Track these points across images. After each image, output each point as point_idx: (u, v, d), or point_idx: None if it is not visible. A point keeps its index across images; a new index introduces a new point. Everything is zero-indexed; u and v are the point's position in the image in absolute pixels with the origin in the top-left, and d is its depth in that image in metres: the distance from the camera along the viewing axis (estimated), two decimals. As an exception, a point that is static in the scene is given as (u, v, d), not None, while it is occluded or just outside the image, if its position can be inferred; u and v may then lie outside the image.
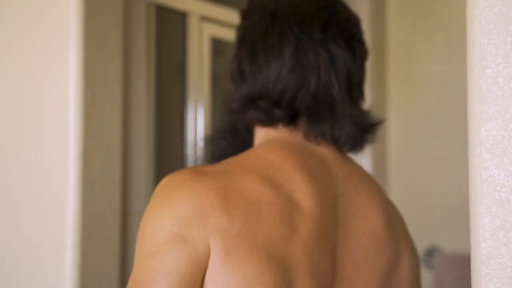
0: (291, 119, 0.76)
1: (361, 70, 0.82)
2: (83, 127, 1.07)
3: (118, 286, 1.12)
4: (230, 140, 0.84)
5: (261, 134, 0.80)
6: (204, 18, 1.48)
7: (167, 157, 1.47)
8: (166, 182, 0.68)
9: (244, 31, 0.81)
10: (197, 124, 1.45)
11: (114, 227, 1.11)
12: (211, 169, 0.68)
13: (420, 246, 1.89)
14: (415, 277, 0.78)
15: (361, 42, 0.82)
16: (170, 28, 1.45)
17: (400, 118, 2.02)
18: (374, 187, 0.79)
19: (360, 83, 0.82)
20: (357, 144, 0.79)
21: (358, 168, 0.79)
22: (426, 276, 1.86)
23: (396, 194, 2.01)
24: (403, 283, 0.75)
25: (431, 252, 1.86)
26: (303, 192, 0.69)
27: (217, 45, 2.17)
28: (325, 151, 0.77)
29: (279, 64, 0.75)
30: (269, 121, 0.77)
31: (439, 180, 1.89)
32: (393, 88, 2.05)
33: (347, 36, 0.79)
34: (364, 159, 1.98)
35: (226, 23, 1.55)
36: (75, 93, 1.07)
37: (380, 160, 2.02)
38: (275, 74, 0.75)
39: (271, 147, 0.74)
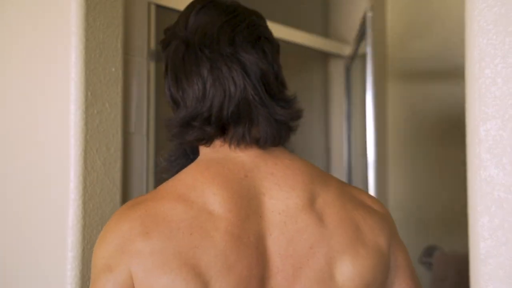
0: (223, 132, 0.88)
1: (274, 63, 0.91)
2: (83, 127, 1.07)
3: (118, 285, 1.12)
4: (183, 160, 0.96)
5: (200, 152, 0.92)
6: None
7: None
8: (110, 218, 0.85)
9: (166, 60, 0.92)
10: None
11: (114, 227, 1.12)
12: (140, 199, 0.85)
13: (420, 245, 1.89)
14: (331, 264, 0.84)
15: (268, 39, 0.92)
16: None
17: (399, 118, 2.02)
18: (299, 179, 0.87)
19: (277, 76, 0.91)
20: (277, 140, 0.88)
21: (284, 164, 0.88)
22: (426, 275, 1.86)
23: (395, 194, 2.02)
24: (323, 271, 0.83)
25: (430, 251, 1.86)
26: (213, 204, 0.82)
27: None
28: (244, 157, 0.88)
29: (201, 84, 0.86)
30: (206, 139, 0.89)
31: (438, 179, 1.89)
32: (392, 87, 2.05)
33: (253, 39, 0.89)
34: (363, 159, 1.99)
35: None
36: (75, 93, 1.07)
37: (380, 160, 2.02)
38: (200, 94, 0.86)
39: (190, 168, 0.88)
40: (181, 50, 0.89)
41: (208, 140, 0.89)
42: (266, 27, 0.94)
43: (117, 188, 1.13)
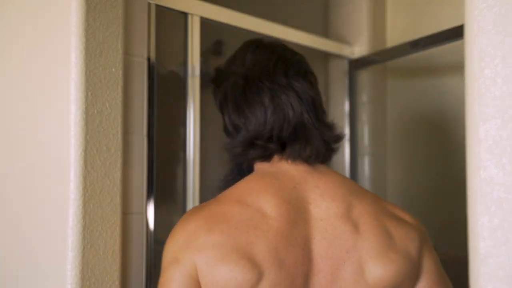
0: (282, 149, 1.03)
1: (319, 93, 1.08)
2: (83, 127, 1.07)
3: (118, 286, 1.12)
4: (238, 178, 1.09)
5: (256, 168, 1.07)
6: (206, 19, 1.48)
7: (168, 157, 1.47)
8: (177, 221, 1.01)
9: (224, 94, 1.07)
10: (197, 124, 1.45)
11: (114, 227, 1.12)
12: (204, 204, 1.00)
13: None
14: (364, 267, 0.96)
15: (312, 73, 1.09)
16: (171, 29, 1.45)
17: (399, 118, 2.02)
18: (339, 192, 1.01)
19: (321, 104, 1.08)
20: (324, 158, 1.05)
21: (327, 179, 1.03)
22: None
23: (395, 194, 2.02)
24: (356, 272, 0.96)
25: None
26: (267, 208, 0.95)
27: (218, 46, 2.16)
28: (295, 171, 1.02)
29: (263, 111, 1.02)
30: (267, 155, 1.04)
31: (437, 180, 1.89)
32: (392, 86, 2.05)
33: (303, 72, 1.06)
34: (364, 159, 1.99)
35: (227, 25, 1.55)
36: (75, 93, 1.07)
37: (380, 159, 2.02)
38: (262, 119, 1.01)
39: (248, 178, 1.03)
40: (241, 84, 1.04)
41: (269, 156, 1.04)
42: (308, 64, 1.11)
43: (117, 188, 1.13)
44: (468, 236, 0.63)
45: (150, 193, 1.29)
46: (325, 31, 2.09)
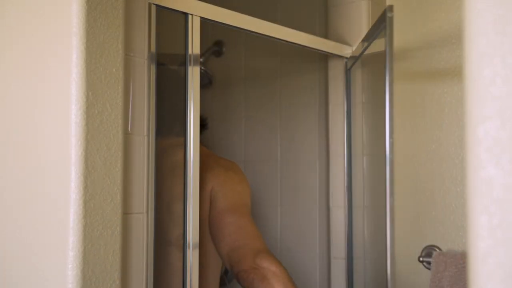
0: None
1: None
2: (84, 127, 1.07)
3: (119, 285, 1.12)
4: None
5: None
6: (206, 19, 1.48)
7: (168, 157, 1.47)
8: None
9: None
10: (196, 123, 1.45)
11: (115, 227, 1.12)
12: None
13: (418, 245, 1.90)
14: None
15: None
16: (171, 29, 1.45)
17: (398, 118, 2.03)
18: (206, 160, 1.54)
19: None
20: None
21: (206, 156, 1.55)
22: (424, 275, 1.86)
23: (395, 194, 2.02)
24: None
25: (428, 251, 1.86)
26: None
27: (218, 46, 2.16)
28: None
29: None
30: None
31: (437, 179, 1.89)
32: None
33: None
34: (364, 158, 1.99)
35: (227, 25, 1.55)
36: (76, 93, 1.07)
37: (379, 159, 2.02)
38: None
39: None
40: None
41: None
42: None
43: (117, 188, 1.14)
44: (467, 236, 0.63)
45: (150, 193, 1.29)
46: (324, 31, 2.10)
